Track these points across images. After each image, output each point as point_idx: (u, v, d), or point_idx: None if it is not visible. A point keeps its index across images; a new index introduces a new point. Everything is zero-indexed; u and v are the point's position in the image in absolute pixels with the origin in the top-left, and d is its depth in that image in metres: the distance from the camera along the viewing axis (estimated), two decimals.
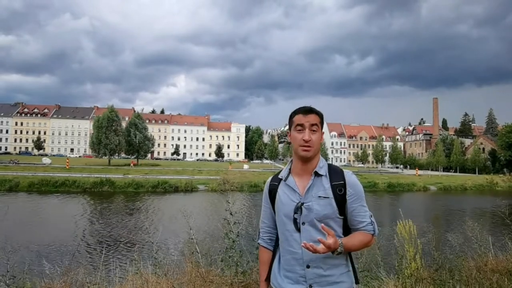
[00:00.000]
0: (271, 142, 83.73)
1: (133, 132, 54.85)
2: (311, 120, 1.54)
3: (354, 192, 1.54)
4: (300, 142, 1.54)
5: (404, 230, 3.68)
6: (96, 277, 3.39)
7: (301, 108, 1.59)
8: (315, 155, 1.57)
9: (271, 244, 1.71)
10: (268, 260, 1.70)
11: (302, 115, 1.56)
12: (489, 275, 3.36)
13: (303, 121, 1.55)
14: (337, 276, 1.51)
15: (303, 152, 1.54)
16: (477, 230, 4.15)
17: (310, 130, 1.54)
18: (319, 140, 1.56)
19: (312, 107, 1.60)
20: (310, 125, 1.54)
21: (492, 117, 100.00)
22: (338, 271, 1.51)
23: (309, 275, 1.50)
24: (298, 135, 1.55)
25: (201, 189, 33.06)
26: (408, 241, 3.63)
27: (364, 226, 1.54)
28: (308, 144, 1.53)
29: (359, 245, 1.53)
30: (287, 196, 1.57)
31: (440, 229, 16.00)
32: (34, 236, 13.59)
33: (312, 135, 1.54)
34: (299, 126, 1.55)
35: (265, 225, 1.73)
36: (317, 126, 1.55)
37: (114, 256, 10.06)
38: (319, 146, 1.58)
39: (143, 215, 19.42)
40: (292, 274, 1.54)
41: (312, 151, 1.54)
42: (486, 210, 22.71)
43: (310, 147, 1.53)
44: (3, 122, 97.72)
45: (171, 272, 3.43)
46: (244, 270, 3.27)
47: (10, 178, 30.65)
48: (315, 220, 1.49)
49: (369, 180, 39.90)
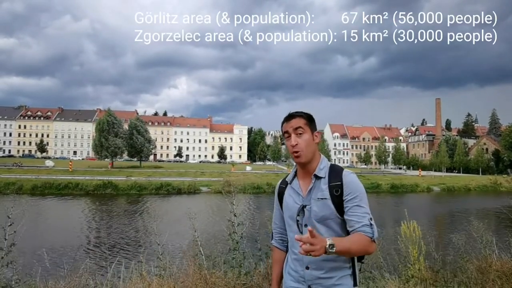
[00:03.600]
0: (274, 144, 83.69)
1: (135, 135, 55.01)
2: (293, 124, 1.56)
3: (350, 192, 1.49)
4: (290, 149, 1.57)
5: (408, 231, 3.67)
6: (99, 279, 3.41)
7: (285, 116, 1.61)
8: (309, 159, 1.56)
9: (283, 244, 1.75)
10: (279, 260, 1.74)
11: (286, 122, 1.59)
12: (492, 276, 3.35)
13: (287, 127, 1.57)
14: (336, 279, 1.50)
15: (296, 159, 1.57)
16: (482, 230, 4.13)
17: (295, 134, 1.55)
18: (308, 142, 1.54)
19: (295, 112, 1.60)
20: (293, 129, 1.55)
21: (495, 118, 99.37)
22: (337, 274, 1.50)
23: (307, 276, 1.52)
24: (287, 143, 1.59)
25: (204, 191, 33.09)
26: (412, 242, 3.62)
27: (360, 227, 1.43)
28: (295, 149, 1.54)
29: (355, 246, 1.37)
30: (292, 199, 1.61)
31: (443, 230, 15.92)
32: (38, 238, 13.64)
33: (298, 138, 1.54)
34: (286, 134, 1.58)
35: (277, 226, 1.78)
36: (302, 128, 1.54)
37: (117, 258, 10.08)
38: (312, 148, 1.56)
39: (146, 217, 19.45)
40: (294, 273, 1.57)
41: (302, 156, 1.54)
42: (490, 210, 22.59)
43: (299, 152, 1.54)
44: (7, 125, 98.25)
45: (173, 274, 3.44)
46: (247, 271, 3.28)
47: (13, 181, 30.85)
48: (315, 221, 1.51)
49: (372, 181, 39.79)
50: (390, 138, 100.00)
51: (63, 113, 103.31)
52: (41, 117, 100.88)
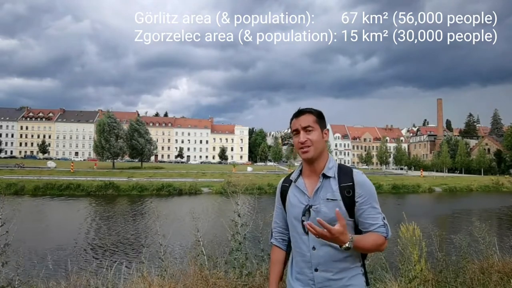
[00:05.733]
0: (275, 144, 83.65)
1: (135, 137, 55.07)
2: (303, 122, 1.53)
3: (363, 193, 1.48)
4: (298, 146, 1.54)
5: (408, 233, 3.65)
6: (100, 280, 3.41)
7: (295, 112, 1.59)
8: (318, 155, 1.53)
9: (283, 243, 1.70)
10: (278, 260, 1.68)
11: (295, 119, 1.57)
12: (494, 276, 3.33)
13: (296, 124, 1.55)
14: (347, 279, 1.47)
15: (303, 154, 1.52)
16: (484, 231, 4.11)
17: (304, 131, 1.52)
18: (317, 139, 1.52)
19: (305, 108, 1.58)
20: (303, 127, 1.52)
21: (497, 118, 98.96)
22: (347, 275, 1.47)
23: (317, 279, 1.48)
24: (295, 139, 1.56)
25: (205, 192, 33.10)
26: (412, 244, 3.60)
27: (376, 228, 1.46)
28: (304, 145, 1.51)
29: (371, 245, 1.44)
30: (297, 198, 1.56)
31: (445, 231, 15.81)
32: (40, 239, 13.66)
33: (307, 135, 1.51)
34: (295, 131, 1.56)
35: (277, 225, 1.72)
36: (311, 126, 1.52)
37: (118, 259, 10.09)
38: (321, 145, 1.53)
39: (147, 218, 19.46)
40: (302, 277, 1.52)
41: (311, 150, 1.51)
42: (492, 211, 22.51)
43: (308, 147, 1.51)
44: (9, 126, 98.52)
45: (174, 274, 3.43)
46: (249, 272, 3.26)
47: (15, 182, 30.88)
48: None
49: (373, 182, 38.91)
50: (392, 138, 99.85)
51: (65, 114, 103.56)
52: (42, 118, 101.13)
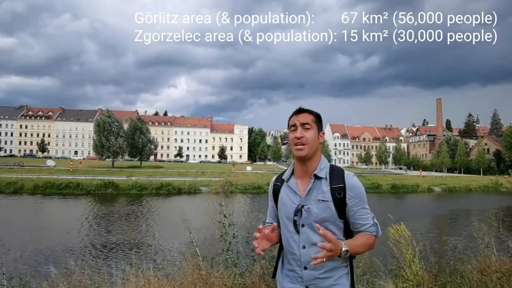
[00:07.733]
0: (274, 144, 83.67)
1: (137, 135, 55.01)
2: (302, 118, 1.55)
3: (354, 195, 1.51)
4: (293, 141, 1.55)
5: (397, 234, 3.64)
6: (99, 279, 3.42)
7: (295, 110, 1.61)
8: (312, 155, 1.54)
9: None
10: None
11: (295, 116, 1.58)
12: (491, 277, 3.34)
13: (295, 120, 1.56)
14: (335, 279, 1.50)
15: (297, 152, 1.53)
16: (482, 232, 4.12)
17: (302, 128, 1.54)
18: (313, 138, 1.54)
19: (305, 108, 1.61)
20: (301, 123, 1.54)
21: (496, 118, 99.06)
22: (335, 274, 1.50)
23: (306, 277, 1.51)
24: (291, 135, 1.57)
25: (204, 191, 33.10)
26: (404, 245, 3.59)
27: (367, 227, 1.52)
28: (300, 141, 1.52)
29: (364, 246, 1.51)
30: (289, 198, 1.57)
31: (443, 231, 15.87)
32: (39, 238, 13.67)
33: (304, 132, 1.53)
34: (293, 127, 1.57)
35: (269, 222, 1.73)
36: (309, 124, 1.54)
37: (117, 258, 10.09)
38: (316, 145, 1.55)
39: (146, 217, 19.45)
40: (291, 273, 1.56)
41: (306, 149, 1.52)
42: (491, 211, 22.49)
43: (303, 144, 1.52)
44: (8, 125, 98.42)
45: (172, 273, 3.44)
46: (241, 272, 3.27)
47: (15, 181, 30.87)
48: (314, 222, 1.48)
49: (372, 182, 39.72)
50: (391, 138, 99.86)
51: (64, 113, 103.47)
52: (42, 117, 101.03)
